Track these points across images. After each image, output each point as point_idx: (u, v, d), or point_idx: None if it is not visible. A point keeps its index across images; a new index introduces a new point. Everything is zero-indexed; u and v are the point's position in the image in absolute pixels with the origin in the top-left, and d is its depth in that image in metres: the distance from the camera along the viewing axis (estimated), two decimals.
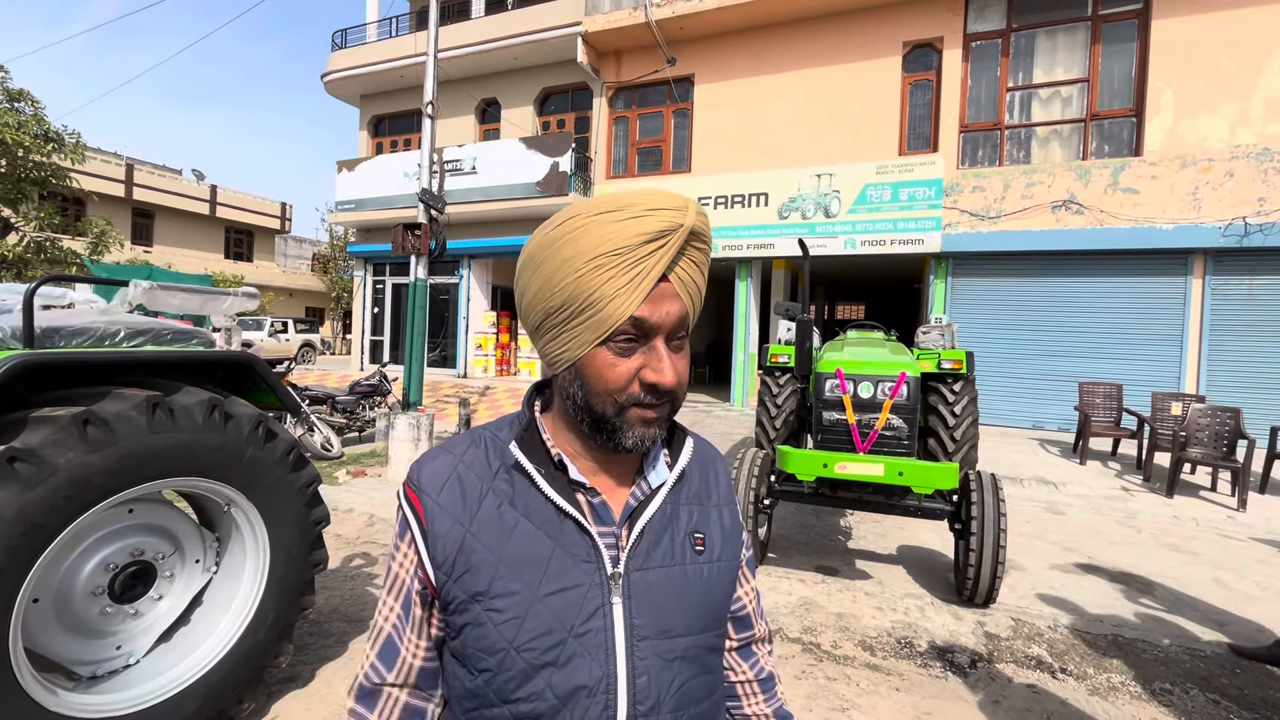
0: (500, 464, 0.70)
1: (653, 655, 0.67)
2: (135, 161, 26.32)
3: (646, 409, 0.64)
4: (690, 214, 0.62)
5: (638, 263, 0.60)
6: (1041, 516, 5.66)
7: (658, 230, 0.60)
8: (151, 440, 2.00)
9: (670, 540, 0.72)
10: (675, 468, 0.74)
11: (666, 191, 0.63)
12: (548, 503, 0.68)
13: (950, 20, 9.93)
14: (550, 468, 0.69)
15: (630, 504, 0.71)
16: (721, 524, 0.77)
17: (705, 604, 0.72)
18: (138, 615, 2.21)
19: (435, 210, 6.97)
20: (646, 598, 0.68)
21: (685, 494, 0.76)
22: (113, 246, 13.68)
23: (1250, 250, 8.33)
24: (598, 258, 0.60)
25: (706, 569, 0.73)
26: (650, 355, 0.63)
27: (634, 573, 0.68)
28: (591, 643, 0.65)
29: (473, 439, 0.74)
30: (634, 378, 0.63)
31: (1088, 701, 2.83)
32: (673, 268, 0.63)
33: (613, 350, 0.62)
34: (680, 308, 0.64)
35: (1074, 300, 9.27)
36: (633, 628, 0.66)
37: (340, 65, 14.65)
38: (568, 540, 0.67)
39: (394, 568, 0.72)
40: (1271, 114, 8.33)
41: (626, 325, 0.61)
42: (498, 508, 0.68)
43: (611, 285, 0.60)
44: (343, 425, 8.04)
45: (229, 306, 2.57)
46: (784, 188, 10.68)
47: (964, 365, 4.64)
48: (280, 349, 18.86)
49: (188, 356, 2.33)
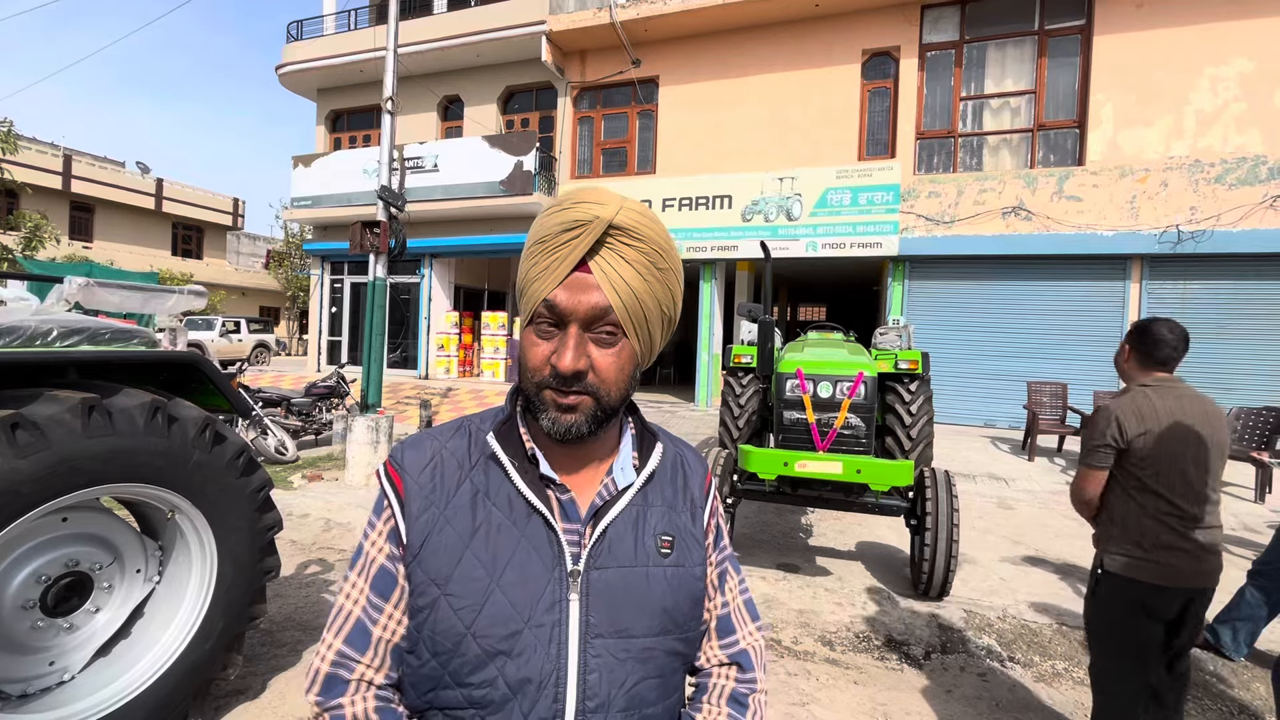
0: (480, 455, 0.73)
1: (606, 653, 0.68)
2: (74, 153, 25.04)
3: (559, 394, 0.65)
4: (610, 208, 0.64)
5: (555, 250, 0.64)
6: (993, 511, 5.87)
7: (574, 220, 0.64)
8: (87, 445, 1.90)
9: (636, 541, 0.72)
10: (644, 470, 0.75)
11: (604, 190, 0.67)
12: (519, 496, 0.70)
13: (907, 30, 10.22)
14: (524, 461, 0.71)
15: (595, 503, 0.72)
16: (693, 528, 0.77)
17: (668, 606, 0.72)
18: (72, 629, 2.10)
19: (395, 208, 6.83)
20: (604, 596, 0.69)
21: (657, 496, 0.76)
22: (48, 241, 12.97)
23: (1183, 256, 8.81)
24: (531, 245, 0.67)
25: (672, 572, 0.73)
26: (562, 341, 0.65)
27: (593, 571, 0.69)
28: (545, 635, 0.66)
29: (458, 427, 0.76)
30: (547, 361, 0.65)
31: (1034, 688, 2.94)
32: (592, 257, 0.64)
33: (535, 332, 0.67)
34: (599, 299, 0.64)
35: (1023, 303, 9.65)
36: (587, 624, 0.67)
37: (296, 57, 14.21)
38: (533, 534, 0.69)
39: (365, 547, 0.73)
40: (1202, 128, 8.83)
41: (542, 308, 0.65)
42: (473, 497, 0.70)
43: (535, 269, 0.66)
44: (298, 428, 7.80)
45: (173, 305, 2.47)
46: (747, 190, 10.82)
47: (920, 365, 4.77)
48: (233, 350, 18.18)
49: (127, 357, 2.23)
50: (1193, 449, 2.05)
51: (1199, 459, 2.05)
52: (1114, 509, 2.15)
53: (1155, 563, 2.05)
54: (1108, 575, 2.13)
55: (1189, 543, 2.04)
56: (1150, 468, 2.07)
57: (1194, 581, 2.05)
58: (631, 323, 0.66)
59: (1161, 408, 2.09)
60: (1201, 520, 2.05)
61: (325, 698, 0.70)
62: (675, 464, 0.80)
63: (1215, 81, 8.76)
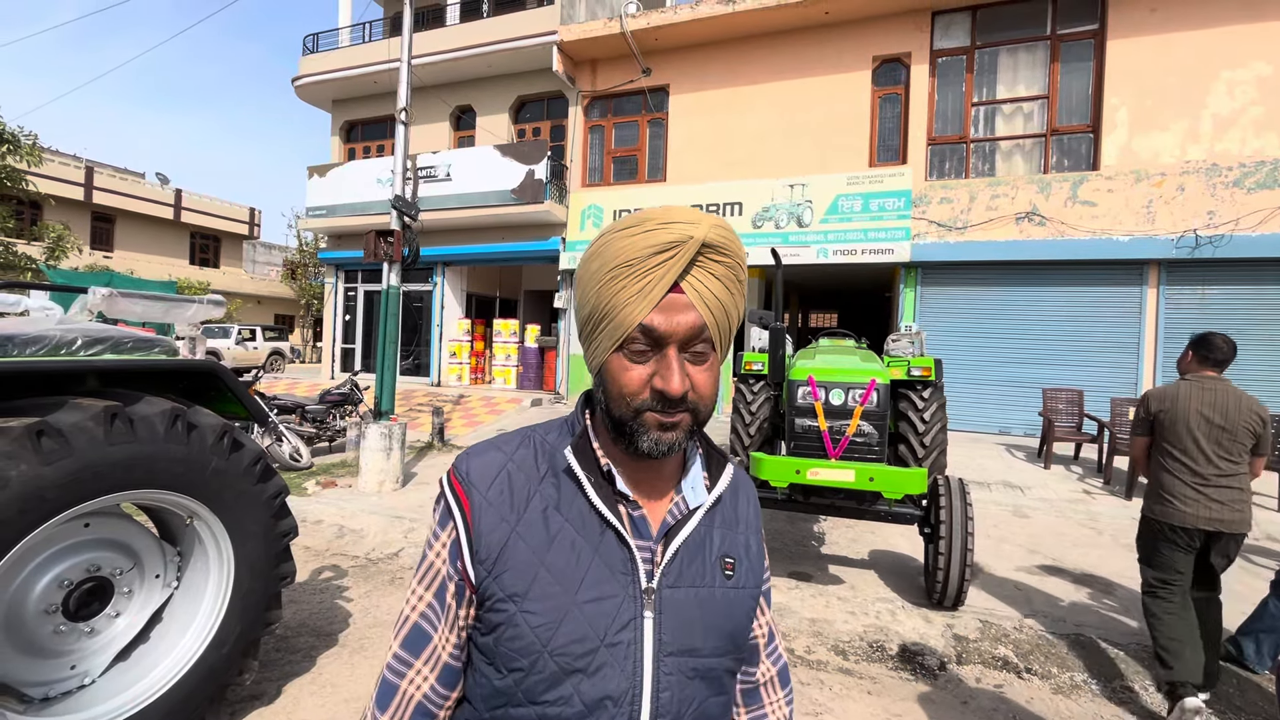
0: (549, 467, 0.72)
1: (677, 671, 0.69)
2: (95, 164, 25.54)
3: (660, 414, 0.65)
4: (703, 227, 0.64)
5: (647, 273, 0.63)
6: (1008, 520, 5.80)
7: (667, 242, 0.63)
8: (109, 452, 1.94)
9: (703, 561, 0.73)
10: (714, 491, 0.76)
11: (687, 208, 0.66)
12: (592, 511, 0.70)
13: (917, 36, 10.20)
14: (599, 477, 0.71)
15: (668, 521, 0.72)
16: (749, 550, 0.80)
17: (729, 627, 0.74)
18: (93, 633, 2.14)
19: (408, 217, 6.91)
20: (676, 615, 0.70)
21: (719, 518, 0.77)
22: (71, 251, 13.24)
23: (1201, 261, 8.69)
24: (614, 269, 0.64)
25: (733, 594, 0.75)
26: (661, 363, 0.64)
27: (666, 589, 0.70)
28: (621, 654, 0.66)
29: (522, 439, 0.75)
30: (647, 384, 0.65)
31: (1051, 700, 2.90)
32: (684, 277, 0.64)
33: (627, 356, 0.65)
34: (695, 318, 0.65)
35: (1037, 309, 9.55)
36: (661, 642, 0.68)
37: (312, 70, 14.44)
38: (607, 551, 0.69)
39: (430, 557, 0.72)
40: (1219, 131, 8.73)
41: (637, 333, 0.64)
42: (543, 511, 0.69)
43: (624, 294, 0.64)
44: (312, 435, 7.88)
45: (193, 314, 2.51)
46: (758, 197, 10.82)
47: (932, 372, 4.74)
48: (248, 357, 18.40)
49: (149, 365, 2.27)
50: (1206, 425, 2.84)
51: (1211, 433, 2.84)
52: (1151, 467, 3.03)
53: (1169, 507, 2.88)
54: (1143, 516, 3.04)
55: (1198, 494, 2.82)
56: (1169, 436, 2.93)
57: (1204, 524, 2.80)
58: (720, 337, 0.68)
59: (1185, 393, 2.92)
60: (1210, 480, 2.81)
61: (379, 709, 0.71)
62: (734, 484, 0.82)
63: (1232, 85, 8.66)
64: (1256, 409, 2.85)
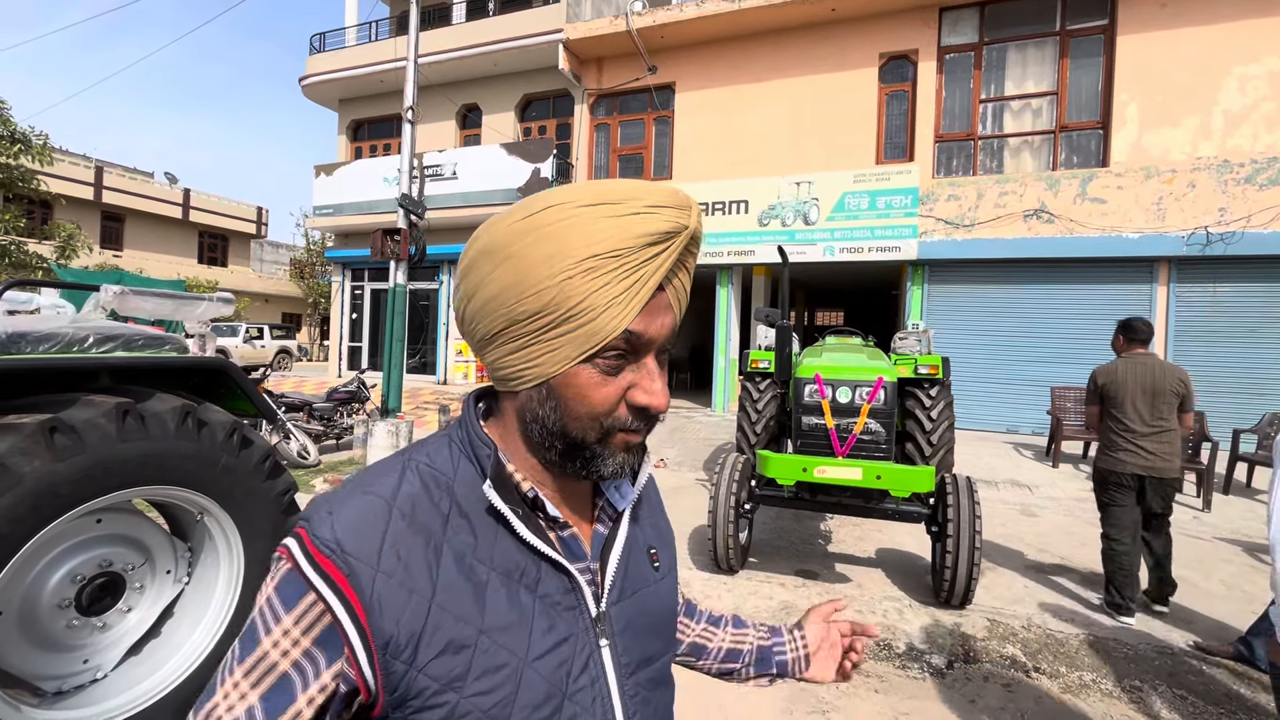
0: (450, 504, 0.57)
1: (640, 688, 0.63)
2: (105, 164, 25.73)
3: (632, 433, 0.56)
4: (694, 215, 0.54)
5: (637, 268, 0.52)
6: (1016, 518, 5.77)
7: (663, 231, 0.52)
8: (121, 448, 1.95)
9: (636, 563, 0.67)
10: (637, 485, 0.67)
11: (664, 186, 0.54)
12: (520, 548, 0.58)
13: (925, 33, 10.14)
14: (524, 507, 0.58)
15: (600, 533, 0.64)
16: (660, 532, 0.74)
17: (667, 617, 0.69)
18: (106, 628, 2.16)
19: (415, 216, 6.93)
20: (629, 631, 0.63)
21: (636, 510, 0.70)
22: (81, 250, 13.35)
23: (1212, 259, 8.61)
24: (591, 258, 0.51)
25: (664, 583, 0.70)
26: (640, 374, 0.55)
27: (613, 608, 0.62)
28: (588, 698, 0.58)
29: (402, 472, 0.58)
30: (621, 399, 0.55)
31: (1060, 700, 2.89)
32: (669, 276, 0.55)
33: (599, 368, 0.54)
34: (673, 320, 0.57)
35: (1046, 307, 9.48)
36: (621, 667, 0.61)
37: (318, 69, 14.50)
38: (546, 587, 0.58)
39: (264, 644, 0.52)
40: (1230, 128, 8.64)
41: (618, 340, 0.53)
42: (461, 564, 0.55)
43: (606, 293, 0.51)
44: (320, 433, 7.91)
45: (203, 312, 2.53)
46: (764, 195, 10.79)
47: (940, 370, 4.72)
48: (256, 355, 18.51)
49: (159, 362, 2.29)
50: (1140, 393, 3.64)
51: (1145, 398, 3.63)
52: (1101, 429, 3.82)
53: (1112, 457, 3.71)
54: (1095, 468, 3.87)
55: (1136, 447, 3.63)
56: (1113, 403, 3.73)
57: (1140, 470, 3.61)
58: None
59: (1124, 368, 3.72)
60: (1144, 435, 3.61)
61: None
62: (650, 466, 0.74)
63: (1244, 81, 8.57)
64: (1179, 375, 3.63)
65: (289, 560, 0.53)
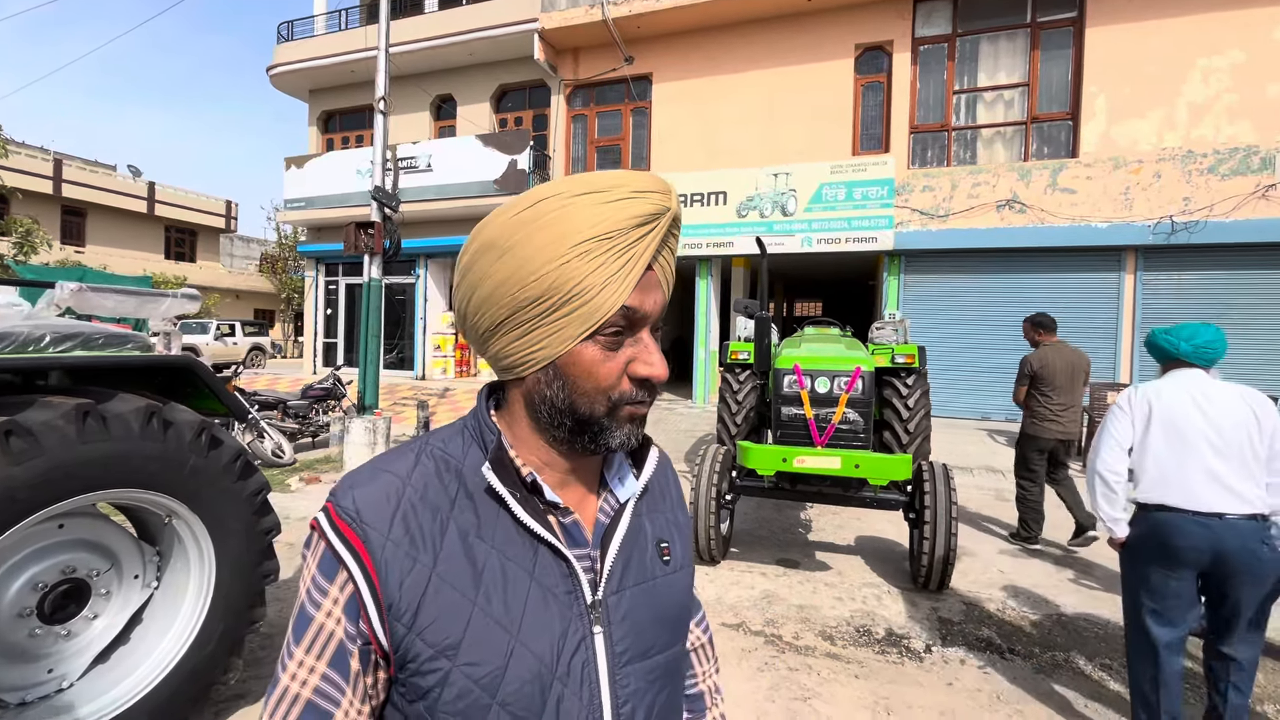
0: (459, 486, 0.62)
1: (635, 680, 0.64)
2: (64, 157, 24.88)
3: (637, 405, 0.60)
4: (674, 198, 0.59)
5: (629, 247, 0.56)
6: (991, 504, 5.89)
7: (649, 213, 0.57)
8: (82, 451, 1.89)
9: (640, 555, 0.68)
10: (641, 477, 0.69)
11: (646, 173, 0.60)
12: (519, 530, 0.61)
13: (899, 24, 10.21)
14: (523, 490, 0.62)
15: (602, 522, 0.66)
16: (679, 527, 0.75)
17: (675, 614, 0.70)
18: (70, 636, 2.09)
19: (389, 208, 6.80)
20: (626, 621, 0.64)
21: (646, 503, 0.72)
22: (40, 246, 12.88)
23: (1177, 247, 8.84)
24: (586, 242, 0.55)
25: (674, 578, 0.70)
26: (638, 347, 0.59)
27: (611, 597, 0.64)
28: (575, 682, 0.60)
29: (416, 455, 0.63)
30: (623, 373, 0.59)
31: (1034, 679, 2.96)
32: (656, 255, 0.59)
33: (601, 344, 0.58)
34: (663, 296, 0.61)
35: (1018, 296, 9.66)
36: (614, 656, 0.63)
37: (287, 58, 14.13)
38: (543, 570, 0.61)
39: (318, 618, 0.57)
40: (1194, 119, 8.85)
41: (617, 316, 0.57)
42: (463, 540, 0.59)
43: (602, 272, 0.56)
44: (295, 431, 7.77)
45: (167, 309, 2.45)
46: (742, 187, 10.81)
47: (916, 359, 4.78)
48: (228, 353, 18.10)
49: (122, 361, 2.21)
50: (1063, 374, 4.66)
51: (1065, 378, 4.67)
52: (1029, 403, 4.79)
53: (1040, 425, 4.71)
54: (1023, 433, 4.86)
55: (1055, 418, 4.68)
56: (1043, 384, 4.69)
57: (1057, 435, 4.70)
58: None
59: (1051, 355, 4.72)
60: (1065, 408, 4.67)
61: None
62: (659, 463, 0.75)
63: (1207, 73, 8.78)
64: (1085, 357, 4.79)
65: (320, 535, 0.60)
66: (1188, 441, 2.21)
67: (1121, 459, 2.34)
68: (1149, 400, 2.33)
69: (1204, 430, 2.20)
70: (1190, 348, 2.31)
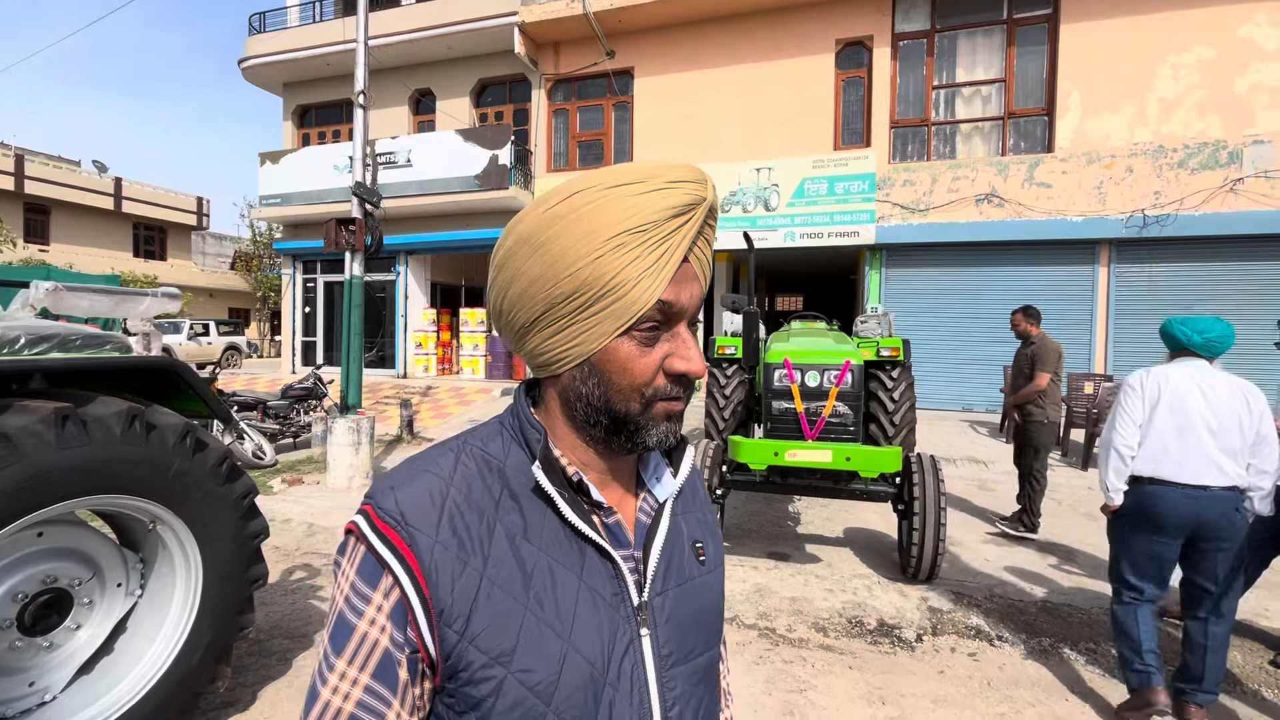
0: (502, 487, 0.60)
1: (681, 682, 0.63)
2: (26, 152, 24.08)
3: (673, 401, 0.59)
4: (710, 188, 0.58)
5: (664, 240, 0.54)
6: (975, 493, 5.98)
7: (685, 204, 0.55)
8: (61, 456, 1.82)
9: (679, 555, 0.67)
10: (679, 477, 0.68)
11: (683, 163, 0.58)
12: (566, 530, 0.59)
13: (879, 19, 10.28)
14: (569, 489, 0.60)
15: (643, 522, 0.65)
16: (709, 527, 0.74)
17: (714, 616, 0.69)
18: (52, 648, 2.03)
19: (370, 204, 6.69)
20: (671, 622, 0.63)
21: (681, 503, 0.71)
22: (3, 245, 12.45)
23: (1149, 240, 9.05)
24: (620, 235, 0.53)
25: (710, 578, 0.70)
26: (675, 342, 0.58)
27: (655, 598, 0.63)
28: (625, 686, 0.59)
29: (457, 455, 0.62)
30: (659, 368, 0.58)
31: (1022, 665, 3.01)
32: (692, 246, 0.58)
33: (637, 340, 0.56)
34: (700, 289, 0.59)
35: (997, 288, 9.81)
36: (661, 658, 0.62)
37: (259, 50, 13.80)
38: (591, 572, 0.60)
39: (361, 627, 0.54)
40: (1165, 114, 9.06)
41: (653, 311, 0.55)
42: (510, 542, 0.57)
43: (637, 266, 0.54)
44: (275, 432, 7.63)
45: (146, 308, 2.37)
46: (725, 181, 10.82)
47: (901, 352, 4.83)
48: (202, 353, 17.71)
49: (101, 363, 2.14)
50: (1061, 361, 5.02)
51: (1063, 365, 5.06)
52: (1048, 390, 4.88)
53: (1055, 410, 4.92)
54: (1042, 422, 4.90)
55: (1060, 403, 5.04)
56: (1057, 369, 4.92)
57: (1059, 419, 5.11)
58: None
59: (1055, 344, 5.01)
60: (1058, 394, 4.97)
61: None
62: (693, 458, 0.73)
63: (1176, 68, 8.99)
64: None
65: (360, 539, 0.56)
66: (1190, 422, 2.49)
67: (1135, 435, 2.58)
68: (1159, 383, 2.58)
69: (1204, 413, 2.48)
70: (1203, 340, 2.56)
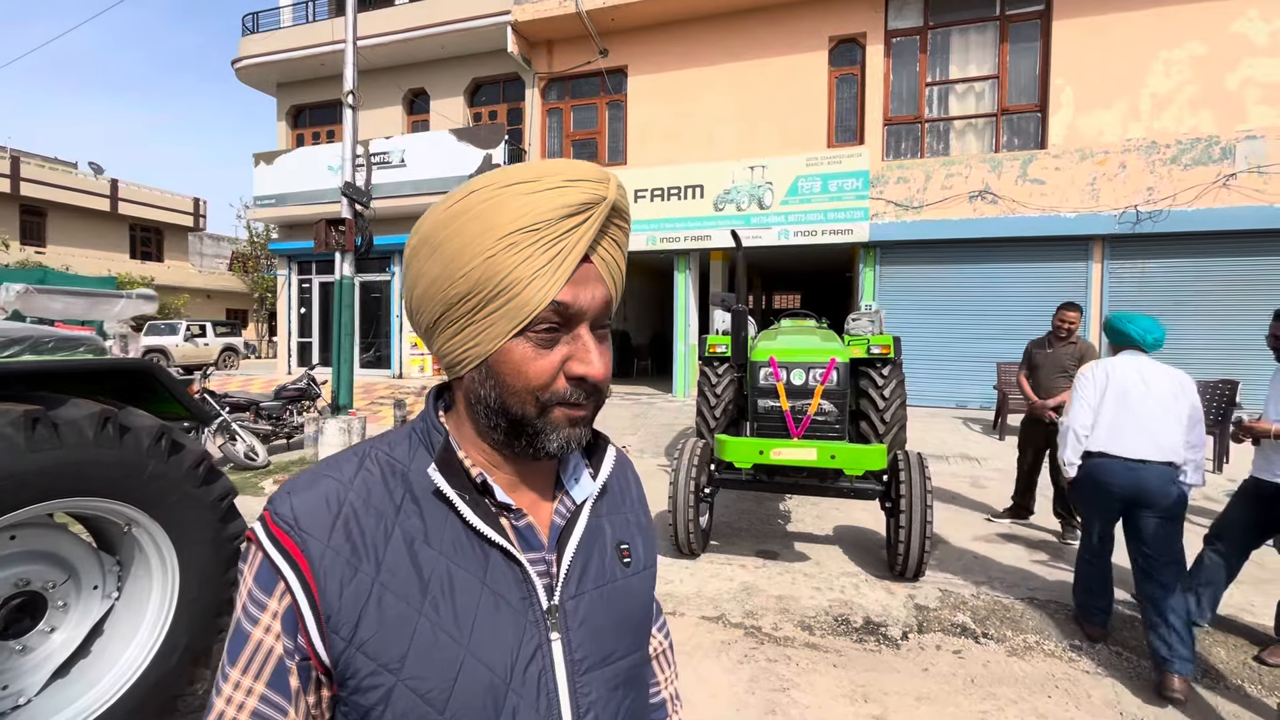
0: (404, 491, 0.59)
1: (596, 687, 0.61)
2: (22, 154, 24.05)
3: (573, 407, 0.57)
4: (612, 187, 0.56)
5: (559, 239, 0.53)
6: (966, 490, 5.98)
7: (580, 202, 0.54)
8: (33, 459, 1.81)
9: (599, 557, 0.65)
10: (598, 478, 0.67)
11: (584, 162, 0.57)
12: (469, 533, 0.58)
13: (872, 17, 10.27)
14: (473, 491, 0.59)
15: (557, 524, 0.63)
16: (641, 528, 0.73)
17: (638, 618, 0.68)
18: (26, 651, 2.02)
19: (360, 205, 6.68)
20: (586, 626, 0.61)
21: (607, 503, 0.70)
22: None
23: (1142, 236, 9.05)
24: (512, 234, 0.53)
25: (636, 581, 0.68)
26: (575, 345, 0.56)
27: (568, 601, 0.61)
28: (531, 692, 0.57)
29: (360, 460, 0.60)
30: (558, 372, 0.56)
31: (1006, 662, 3.01)
32: (595, 247, 0.56)
33: (533, 342, 0.55)
34: (605, 292, 0.58)
35: (991, 285, 9.82)
36: (573, 663, 0.60)
37: (253, 51, 13.79)
38: (495, 576, 0.58)
39: (255, 635, 0.54)
40: (1157, 110, 9.05)
41: (548, 312, 0.54)
42: (408, 547, 0.56)
43: (529, 265, 0.53)
44: (268, 433, 7.62)
45: (121, 310, 2.36)
46: (719, 180, 10.81)
47: (891, 350, 4.83)
48: (199, 354, 17.69)
49: (73, 366, 2.13)
50: None
51: None
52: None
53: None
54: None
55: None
56: None
57: None
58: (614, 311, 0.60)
59: None
60: None
61: None
62: (618, 463, 0.73)
63: (1169, 65, 8.98)
64: None
65: (256, 546, 0.56)
66: (1131, 405, 2.96)
67: (1089, 416, 3.07)
68: (1107, 372, 3.06)
69: (1144, 398, 2.94)
70: (1152, 339, 3.04)
